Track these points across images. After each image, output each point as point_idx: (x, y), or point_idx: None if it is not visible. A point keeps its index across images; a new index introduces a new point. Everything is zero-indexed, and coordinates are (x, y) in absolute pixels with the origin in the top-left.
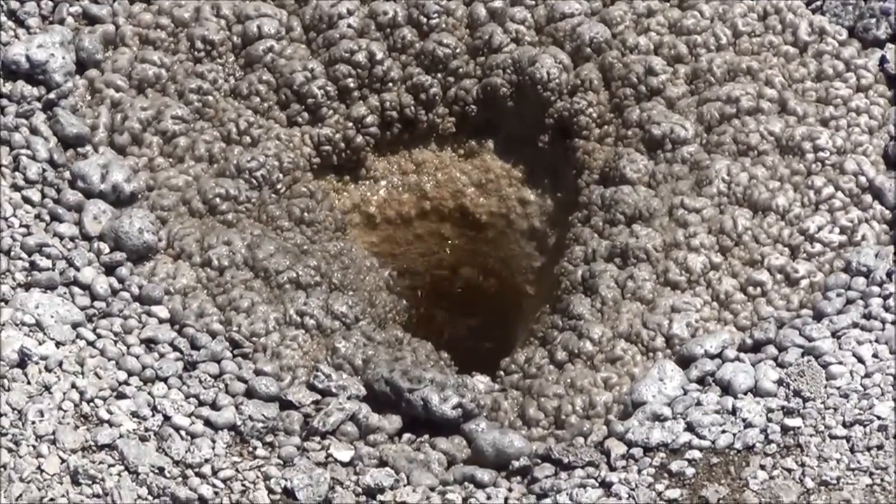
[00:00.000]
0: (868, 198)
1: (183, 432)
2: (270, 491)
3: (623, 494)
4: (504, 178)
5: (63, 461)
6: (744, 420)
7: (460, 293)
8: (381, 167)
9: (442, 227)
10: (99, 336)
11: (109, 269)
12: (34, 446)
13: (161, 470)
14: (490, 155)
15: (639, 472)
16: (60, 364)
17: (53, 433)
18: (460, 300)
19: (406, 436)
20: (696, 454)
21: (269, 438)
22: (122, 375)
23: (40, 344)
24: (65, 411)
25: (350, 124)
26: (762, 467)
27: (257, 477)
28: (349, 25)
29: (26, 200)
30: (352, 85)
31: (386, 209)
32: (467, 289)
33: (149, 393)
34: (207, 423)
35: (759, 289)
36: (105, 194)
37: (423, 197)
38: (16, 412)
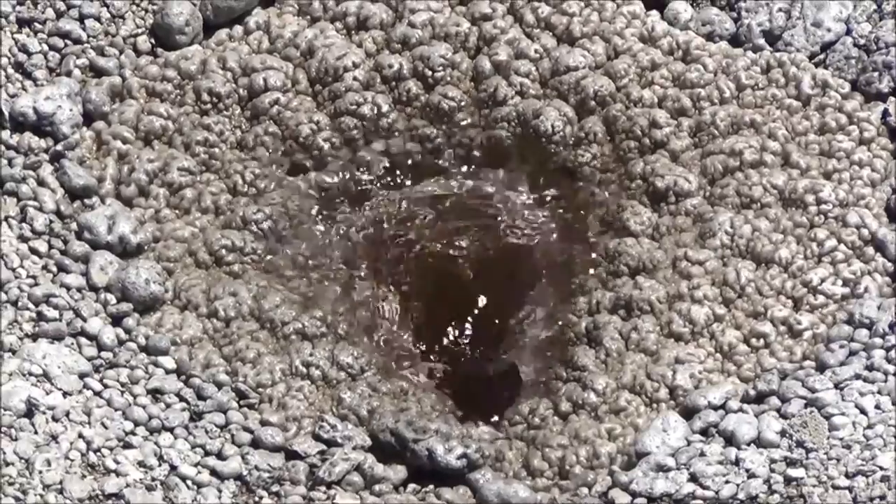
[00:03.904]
0: (870, 250)
1: (189, 482)
2: None
3: None
4: None
5: None
6: (747, 471)
7: None
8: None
9: None
10: (106, 386)
11: (116, 320)
12: (41, 495)
13: None
14: None
15: None
16: (67, 414)
17: (61, 482)
18: None
19: (411, 486)
20: None
21: (274, 488)
22: (129, 425)
23: (47, 394)
24: (72, 461)
25: (354, 167)
26: None
27: None
28: (355, 78)
29: (33, 251)
30: (357, 137)
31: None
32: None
33: (155, 443)
34: (213, 472)
35: (762, 340)
36: (112, 245)
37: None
38: (23, 461)
